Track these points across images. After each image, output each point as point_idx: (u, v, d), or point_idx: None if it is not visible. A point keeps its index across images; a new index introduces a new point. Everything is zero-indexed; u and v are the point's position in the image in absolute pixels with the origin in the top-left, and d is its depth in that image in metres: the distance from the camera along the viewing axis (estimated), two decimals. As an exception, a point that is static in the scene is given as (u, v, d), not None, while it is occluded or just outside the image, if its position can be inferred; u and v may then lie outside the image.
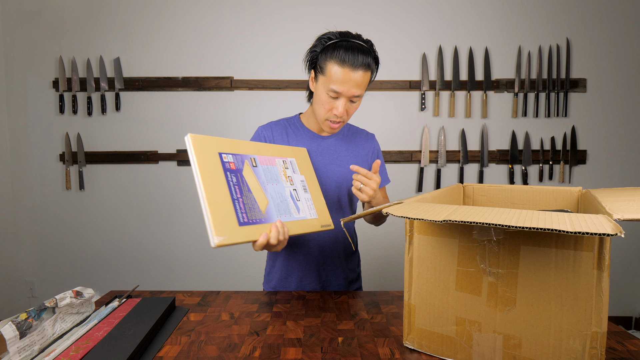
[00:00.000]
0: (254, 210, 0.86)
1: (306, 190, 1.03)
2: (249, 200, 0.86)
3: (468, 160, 2.47)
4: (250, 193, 0.87)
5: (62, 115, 2.41)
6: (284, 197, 0.95)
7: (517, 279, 0.65)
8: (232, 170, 0.86)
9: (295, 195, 0.99)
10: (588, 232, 0.50)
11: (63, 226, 2.47)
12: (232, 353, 0.77)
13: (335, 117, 1.04)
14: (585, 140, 2.46)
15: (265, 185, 0.92)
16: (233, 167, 0.87)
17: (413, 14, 2.41)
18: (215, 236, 0.75)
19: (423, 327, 0.76)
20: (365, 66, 0.99)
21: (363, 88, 1.02)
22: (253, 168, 0.91)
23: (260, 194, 0.90)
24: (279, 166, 0.99)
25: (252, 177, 0.90)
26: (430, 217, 0.62)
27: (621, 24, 2.40)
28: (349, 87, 0.99)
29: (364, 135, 1.22)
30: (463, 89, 2.43)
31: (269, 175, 0.95)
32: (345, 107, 1.02)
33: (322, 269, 1.18)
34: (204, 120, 2.44)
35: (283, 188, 0.96)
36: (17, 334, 0.68)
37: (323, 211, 1.05)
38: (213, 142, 0.86)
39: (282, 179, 0.98)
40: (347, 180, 1.15)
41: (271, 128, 1.18)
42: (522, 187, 1.04)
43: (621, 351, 0.75)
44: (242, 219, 0.82)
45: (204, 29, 2.40)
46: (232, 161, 0.87)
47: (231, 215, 0.81)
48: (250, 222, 0.84)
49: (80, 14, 2.37)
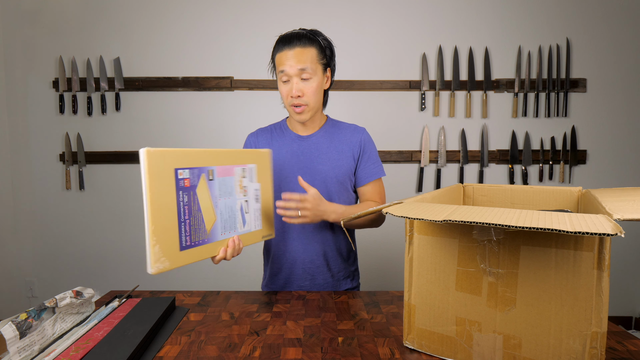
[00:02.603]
0: (198, 232, 0.86)
1: (258, 200, 1.02)
2: (196, 220, 0.85)
3: (468, 160, 2.47)
4: (200, 212, 0.86)
5: (62, 115, 2.41)
6: (233, 211, 0.95)
7: (517, 279, 0.65)
8: (185, 189, 0.83)
9: (245, 207, 0.98)
10: (588, 232, 0.50)
11: (63, 226, 2.47)
12: (232, 353, 0.77)
13: (293, 99, 1.09)
14: (585, 140, 2.46)
15: (217, 201, 0.90)
16: (187, 185, 0.84)
17: (413, 14, 2.41)
18: (152, 265, 0.76)
19: (423, 327, 0.76)
20: (301, 43, 1.07)
21: (307, 62, 1.07)
22: (209, 182, 0.89)
23: (209, 212, 0.88)
24: (237, 176, 0.97)
25: (205, 193, 0.88)
26: (430, 217, 0.62)
27: (621, 24, 2.40)
28: (291, 63, 1.06)
29: (350, 129, 1.22)
30: (463, 89, 2.43)
31: (224, 189, 0.93)
32: (298, 86, 1.08)
33: (309, 267, 1.18)
34: (204, 120, 2.44)
35: (235, 201, 0.95)
36: (17, 334, 0.68)
37: (269, 221, 1.05)
38: (170, 156, 0.81)
39: (236, 191, 0.96)
40: (332, 176, 1.16)
41: (257, 135, 1.24)
42: (522, 187, 1.04)
43: (621, 351, 0.75)
44: (185, 242, 0.82)
45: (204, 29, 2.40)
46: (187, 177, 0.84)
47: (174, 240, 0.80)
48: (192, 244, 0.84)
49: (80, 14, 2.37)
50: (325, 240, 1.18)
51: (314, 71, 1.09)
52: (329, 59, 1.15)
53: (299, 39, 1.08)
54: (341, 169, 1.17)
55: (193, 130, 2.44)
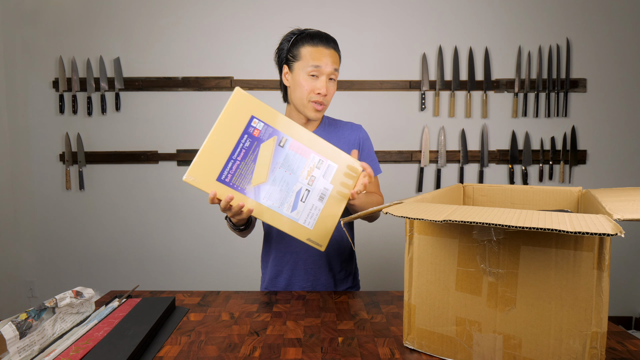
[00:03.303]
0: (242, 178, 0.87)
1: (322, 200, 0.94)
2: (246, 168, 0.88)
3: (468, 160, 2.47)
4: (254, 164, 0.88)
5: (62, 115, 2.41)
6: (289, 189, 0.91)
7: (517, 279, 0.65)
8: (252, 136, 0.88)
9: (304, 196, 0.92)
10: (588, 232, 0.50)
11: (63, 226, 2.47)
12: (232, 353, 0.77)
13: (319, 97, 1.08)
14: (585, 140, 2.46)
15: (275, 167, 0.90)
16: (256, 135, 0.88)
17: (413, 14, 2.41)
18: (187, 175, 0.83)
19: (423, 327, 0.76)
20: (335, 46, 1.10)
21: (337, 65, 1.10)
22: (277, 147, 0.90)
23: (263, 170, 0.89)
24: (310, 161, 0.92)
25: (267, 152, 0.90)
26: (430, 217, 0.62)
27: (622, 24, 2.40)
28: (327, 61, 1.07)
29: (348, 127, 1.22)
30: (463, 89, 2.43)
31: (289, 163, 0.91)
32: (327, 85, 1.08)
33: (311, 268, 1.18)
34: (204, 120, 2.43)
35: (295, 182, 0.91)
36: (17, 334, 0.68)
37: (322, 230, 0.95)
38: (254, 105, 0.88)
39: (302, 174, 0.92)
40: None
41: None
42: (522, 187, 1.04)
43: (621, 351, 0.75)
44: (224, 176, 0.86)
45: (204, 29, 2.40)
46: (259, 129, 0.88)
47: (217, 167, 0.85)
48: (230, 183, 0.87)
49: (80, 14, 2.37)
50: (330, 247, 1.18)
51: (337, 76, 1.12)
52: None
53: (334, 42, 1.11)
54: None
55: (193, 130, 2.44)
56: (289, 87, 1.13)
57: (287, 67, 1.12)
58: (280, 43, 1.14)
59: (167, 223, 2.47)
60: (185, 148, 2.45)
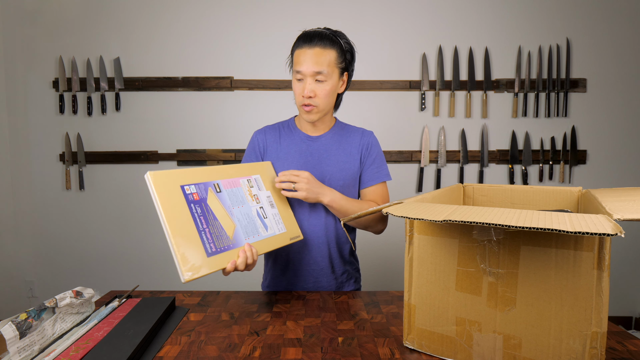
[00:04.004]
0: (221, 238, 0.87)
1: (273, 205, 1.05)
2: (216, 228, 0.87)
3: (468, 160, 2.47)
4: (217, 221, 0.88)
5: (62, 115, 2.41)
6: (251, 218, 0.97)
7: (517, 279, 0.65)
8: (195, 201, 0.86)
9: (263, 213, 1.01)
10: (588, 232, 0.50)
11: (63, 226, 2.47)
12: (232, 353, 0.77)
13: (306, 100, 1.08)
14: (585, 140, 2.46)
15: (231, 210, 0.93)
16: (197, 198, 0.87)
17: (413, 14, 2.41)
18: (184, 273, 0.78)
19: (423, 327, 0.76)
20: (321, 44, 1.05)
21: (324, 65, 1.05)
22: (217, 194, 0.92)
23: (226, 219, 0.91)
24: (244, 186, 1.00)
25: (217, 203, 0.91)
26: (430, 217, 0.62)
27: (621, 24, 2.40)
28: (308, 64, 1.05)
29: (359, 132, 1.21)
30: (463, 89, 2.43)
31: (234, 198, 0.96)
32: (311, 87, 1.07)
33: (314, 269, 1.18)
34: (204, 120, 2.44)
35: (249, 208, 0.98)
36: (17, 334, 0.68)
37: (291, 223, 1.08)
38: (174, 176, 0.86)
39: (248, 199, 0.99)
40: (337, 179, 1.15)
41: (265, 132, 1.22)
42: (522, 187, 1.04)
43: (621, 351, 0.75)
44: (210, 249, 0.84)
45: (204, 29, 2.40)
46: (195, 192, 0.88)
47: (199, 247, 0.82)
48: (218, 250, 0.86)
49: (80, 14, 2.37)
50: (329, 242, 1.18)
51: (330, 75, 1.07)
52: (348, 63, 1.13)
53: (320, 38, 1.06)
54: (348, 171, 1.17)
55: (193, 130, 2.44)
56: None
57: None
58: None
59: (167, 223, 2.47)
60: (185, 148, 2.45)
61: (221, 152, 2.45)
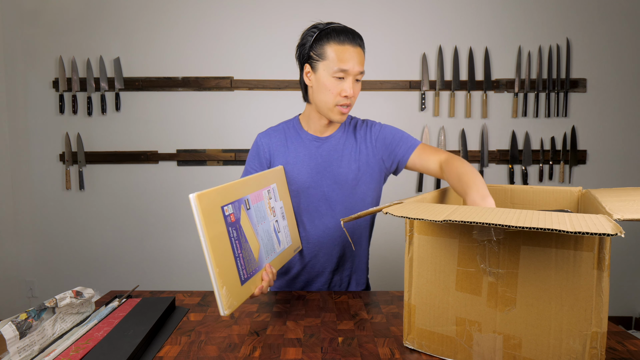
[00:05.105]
0: (250, 262, 0.86)
1: (284, 217, 1.04)
2: (247, 252, 0.85)
3: (468, 160, 2.47)
4: (247, 243, 0.86)
5: (62, 115, 2.41)
6: (270, 234, 0.95)
7: (517, 279, 0.65)
8: (232, 224, 0.83)
9: (277, 227, 1.00)
10: (588, 232, 0.50)
11: (63, 226, 2.47)
12: (232, 353, 0.77)
13: (345, 100, 1.02)
14: (585, 140, 2.46)
15: (256, 228, 0.91)
16: (233, 220, 0.83)
17: (413, 14, 2.41)
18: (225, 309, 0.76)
19: (423, 327, 0.76)
20: (361, 43, 1.03)
21: (364, 65, 1.03)
22: (247, 212, 0.89)
23: (253, 240, 0.89)
24: (265, 199, 0.97)
25: (247, 223, 0.88)
26: (430, 217, 0.62)
27: (621, 24, 2.40)
28: (354, 63, 1.00)
29: (368, 125, 1.17)
30: (463, 89, 2.43)
31: (259, 215, 0.93)
32: (354, 87, 1.02)
33: (315, 269, 1.18)
34: (204, 121, 2.44)
35: (269, 224, 0.96)
36: (17, 334, 0.68)
37: (295, 234, 1.08)
38: (215, 196, 0.80)
39: (268, 214, 0.97)
40: (349, 180, 1.12)
41: (269, 136, 1.16)
42: (522, 187, 1.04)
43: (621, 351, 0.75)
44: (243, 276, 0.83)
45: (204, 29, 2.40)
46: (232, 212, 0.84)
47: (235, 277, 0.80)
48: (249, 276, 0.84)
49: (80, 14, 2.37)
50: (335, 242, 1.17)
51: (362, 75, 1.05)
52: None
53: (360, 38, 1.02)
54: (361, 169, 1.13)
55: (193, 130, 2.44)
56: (311, 87, 1.06)
57: (309, 65, 1.04)
58: (302, 38, 1.05)
59: (167, 223, 2.47)
60: (185, 148, 2.45)
61: (221, 152, 2.45)
